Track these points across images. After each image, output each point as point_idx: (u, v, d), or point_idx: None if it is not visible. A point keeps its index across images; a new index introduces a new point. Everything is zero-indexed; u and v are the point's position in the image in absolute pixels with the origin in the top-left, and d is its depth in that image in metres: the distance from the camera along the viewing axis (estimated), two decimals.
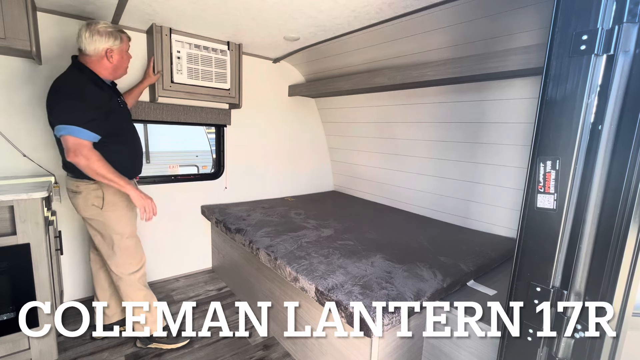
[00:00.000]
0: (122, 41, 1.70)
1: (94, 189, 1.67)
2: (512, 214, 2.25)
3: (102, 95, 1.63)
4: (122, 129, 1.76)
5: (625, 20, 0.69)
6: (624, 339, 0.79)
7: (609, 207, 0.74)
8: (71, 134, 1.50)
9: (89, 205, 1.68)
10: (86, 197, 1.67)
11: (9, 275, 1.57)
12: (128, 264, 1.78)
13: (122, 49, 1.71)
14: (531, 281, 0.87)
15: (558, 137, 0.79)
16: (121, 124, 1.76)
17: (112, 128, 1.66)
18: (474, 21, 1.81)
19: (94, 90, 1.60)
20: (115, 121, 1.69)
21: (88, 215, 1.71)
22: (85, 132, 1.52)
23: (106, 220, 1.70)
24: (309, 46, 2.57)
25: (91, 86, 1.60)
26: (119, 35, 1.68)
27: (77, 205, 1.71)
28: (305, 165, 3.58)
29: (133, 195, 1.64)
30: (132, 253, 1.79)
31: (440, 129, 2.52)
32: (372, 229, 2.29)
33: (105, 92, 1.67)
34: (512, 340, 0.94)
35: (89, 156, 1.52)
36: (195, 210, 2.82)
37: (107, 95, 1.67)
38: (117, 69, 1.73)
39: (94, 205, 1.68)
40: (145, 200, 1.66)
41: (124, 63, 1.76)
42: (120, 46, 1.69)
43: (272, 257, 1.81)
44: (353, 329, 1.32)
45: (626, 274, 0.75)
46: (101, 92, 1.63)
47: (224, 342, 1.97)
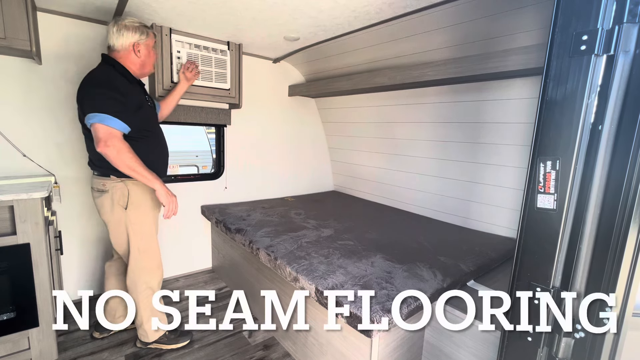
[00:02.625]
0: (149, 36, 1.71)
1: (120, 188, 1.65)
2: (512, 214, 2.25)
3: (132, 89, 1.65)
4: (151, 127, 1.76)
5: (625, 20, 0.69)
6: (624, 339, 0.79)
7: (609, 207, 0.74)
8: (102, 122, 1.49)
9: (115, 204, 1.66)
10: (112, 196, 1.65)
11: (9, 275, 1.56)
12: (147, 268, 1.76)
13: (149, 44, 1.72)
14: (531, 281, 0.87)
15: (558, 137, 0.79)
16: (150, 122, 1.76)
17: (141, 124, 1.65)
18: (474, 21, 1.81)
19: (125, 83, 1.61)
20: (144, 118, 1.69)
21: (111, 216, 1.68)
22: (116, 121, 1.51)
23: (129, 221, 1.68)
24: (309, 46, 2.57)
25: (122, 79, 1.62)
26: (146, 30, 1.70)
27: (102, 205, 1.68)
28: (305, 165, 3.58)
29: (160, 191, 1.62)
30: (152, 256, 1.78)
31: (440, 129, 2.52)
32: (372, 229, 2.29)
33: (135, 87, 1.68)
34: (512, 340, 0.94)
35: (119, 147, 1.50)
36: (195, 210, 2.82)
37: (136, 90, 1.69)
38: (144, 65, 1.74)
39: (119, 205, 1.66)
40: (171, 197, 1.65)
41: (151, 59, 1.77)
42: (146, 41, 1.70)
43: (272, 257, 1.81)
44: (353, 329, 1.32)
45: (626, 274, 0.75)
46: (131, 86, 1.65)
47: (224, 342, 1.97)
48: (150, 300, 1.77)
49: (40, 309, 1.64)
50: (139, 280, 1.75)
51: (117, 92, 1.55)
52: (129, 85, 1.64)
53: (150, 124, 1.76)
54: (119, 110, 1.53)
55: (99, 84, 1.56)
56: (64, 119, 2.10)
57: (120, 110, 1.53)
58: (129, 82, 1.65)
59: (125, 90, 1.59)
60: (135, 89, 1.69)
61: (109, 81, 1.57)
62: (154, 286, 1.79)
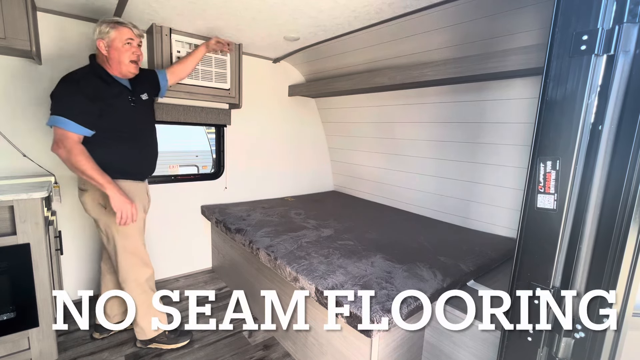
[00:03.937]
0: (116, 30, 1.59)
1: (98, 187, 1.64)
2: (512, 214, 2.25)
3: (106, 90, 1.60)
4: (128, 127, 1.71)
5: (625, 20, 0.69)
6: (624, 339, 0.79)
7: (609, 207, 0.74)
8: (57, 124, 1.48)
9: (95, 204, 1.67)
10: (92, 195, 1.66)
11: (9, 275, 1.57)
12: (133, 266, 1.76)
13: (115, 38, 1.59)
14: (531, 281, 0.87)
15: (558, 137, 0.79)
16: (127, 123, 1.70)
17: (112, 125, 1.62)
18: (474, 21, 1.81)
19: (95, 84, 1.57)
20: (117, 118, 1.65)
21: (94, 215, 1.70)
22: (72, 124, 1.49)
23: (110, 220, 1.68)
24: (309, 46, 2.57)
25: (94, 79, 1.58)
26: (114, 24, 1.59)
27: (84, 203, 1.70)
28: (305, 165, 3.58)
29: (112, 196, 1.55)
30: (138, 255, 1.78)
31: (440, 128, 2.52)
32: (372, 229, 2.29)
33: (111, 88, 1.63)
34: (512, 340, 0.94)
35: (70, 149, 1.48)
36: (195, 210, 2.81)
37: (114, 92, 1.63)
38: (118, 63, 1.63)
39: (100, 204, 1.67)
40: (124, 205, 1.58)
41: (121, 56, 1.62)
42: (112, 36, 1.58)
43: (272, 257, 1.81)
44: (353, 329, 1.32)
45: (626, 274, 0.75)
46: (105, 87, 1.60)
47: (224, 342, 1.97)
48: (142, 297, 1.78)
49: (40, 309, 1.64)
50: (127, 277, 1.76)
51: (81, 94, 1.52)
52: (104, 86, 1.59)
53: (127, 124, 1.70)
54: (78, 113, 1.50)
55: (65, 86, 1.54)
56: None
57: (80, 113, 1.50)
58: (105, 83, 1.60)
59: (95, 93, 1.55)
60: (112, 91, 1.62)
61: (77, 83, 1.54)
62: (143, 283, 1.79)
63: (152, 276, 1.84)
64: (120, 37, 1.61)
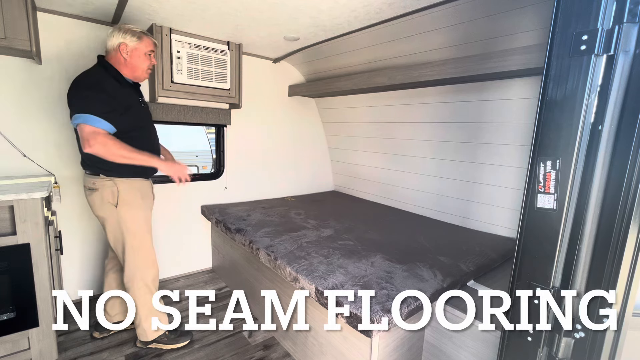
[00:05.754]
0: (142, 41, 1.70)
1: (109, 186, 1.67)
2: (512, 214, 2.25)
3: (122, 90, 1.66)
4: (141, 127, 1.77)
5: (625, 20, 0.69)
6: (624, 339, 0.79)
7: (609, 207, 0.74)
8: (86, 122, 1.51)
9: (105, 202, 1.68)
10: (102, 194, 1.67)
11: (9, 275, 1.56)
12: (141, 265, 1.76)
13: (139, 48, 1.70)
14: (531, 281, 0.87)
15: (558, 137, 0.79)
16: (140, 122, 1.77)
17: (130, 124, 1.67)
18: (474, 21, 1.81)
19: (113, 84, 1.62)
20: (134, 118, 1.70)
21: (103, 214, 1.71)
22: (101, 121, 1.53)
23: (120, 219, 1.70)
24: (309, 46, 2.57)
25: (111, 80, 1.63)
26: (141, 35, 1.70)
27: (93, 203, 1.71)
28: (305, 165, 3.58)
29: (162, 167, 1.70)
30: (145, 254, 1.78)
31: (440, 129, 2.52)
32: (372, 229, 2.29)
33: (125, 89, 1.69)
34: (512, 340, 0.94)
35: (105, 142, 1.52)
36: (195, 210, 2.81)
37: (127, 92, 1.69)
38: (134, 68, 1.72)
39: (110, 203, 1.68)
40: (175, 167, 1.74)
41: (141, 63, 1.73)
42: (136, 44, 1.68)
43: (272, 257, 1.81)
44: (353, 329, 1.32)
45: (626, 274, 0.75)
46: (121, 88, 1.66)
47: (224, 342, 1.97)
48: (147, 298, 1.78)
49: (40, 309, 1.64)
50: (134, 277, 1.76)
51: (104, 93, 1.57)
52: (119, 87, 1.65)
53: (138, 123, 1.77)
54: (104, 111, 1.54)
55: (86, 85, 1.57)
56: (64, 119, 2.09)
57: (106, 111, 1.55)
58: (119, 84, 1.66)
59: (113, 92, 1.60)
60: (126, 91, 1.69)
61: (98, 83, 1.58)
62: (149, 282, 1.79)
63: (157, 276, 1.85)
64: (145, 48, 1.73)
